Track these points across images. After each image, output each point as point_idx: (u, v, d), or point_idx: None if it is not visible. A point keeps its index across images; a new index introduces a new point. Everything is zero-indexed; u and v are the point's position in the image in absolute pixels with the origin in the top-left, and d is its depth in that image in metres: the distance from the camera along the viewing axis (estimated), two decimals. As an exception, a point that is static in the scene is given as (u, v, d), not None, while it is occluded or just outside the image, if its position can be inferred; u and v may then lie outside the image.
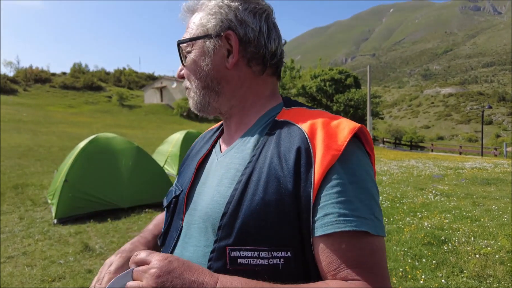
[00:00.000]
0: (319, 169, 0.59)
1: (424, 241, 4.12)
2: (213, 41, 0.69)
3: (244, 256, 0.59)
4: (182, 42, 0.73)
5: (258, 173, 0.62)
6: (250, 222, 0.59)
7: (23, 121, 24.81)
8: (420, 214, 5.42)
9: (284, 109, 0.73)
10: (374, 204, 0.60)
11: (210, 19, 0.69)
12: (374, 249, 0.57)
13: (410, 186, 8.03)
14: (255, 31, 0.69)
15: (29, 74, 52.64)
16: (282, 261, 0.58)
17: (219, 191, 0.66)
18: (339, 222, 0.56)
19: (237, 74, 0.71)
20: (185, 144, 9.46)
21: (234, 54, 0.69)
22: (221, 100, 0.73)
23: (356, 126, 0.63)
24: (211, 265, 0.61)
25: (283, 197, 0.59)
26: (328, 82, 34.01)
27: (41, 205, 6.19)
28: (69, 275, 3.44)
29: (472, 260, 3.55)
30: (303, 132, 0.64)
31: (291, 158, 0.61)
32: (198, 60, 0.71)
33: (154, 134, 23.12)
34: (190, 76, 0.74)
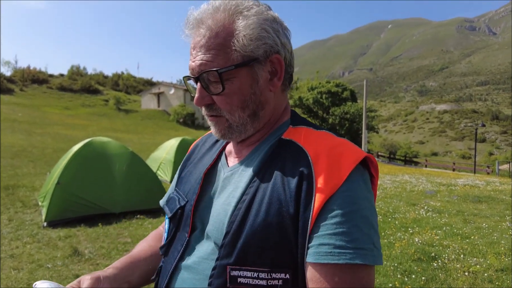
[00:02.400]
0: (319, 197, 0.58)
1: (414, 257, 4.13)
2: (261, 66, 0.67)
3: (244, 276, 0.60)
4: (227, 70, 0.64)
5: (262, 194, 0.63)
6: (251, 243, 0.60)
7: (18, 121, 24.63)
8: (412, 230, 5.44)
9: (291, 127, 0.72)
10: (373, 233, 0.60)
11: (257, 44, 0.65)
12: (364, 283, 0.57)
13: (403, 201, 8.07)
14: (290, 53, 0.70)
15: (26, 74, 52.44)
16: (280, 283, 0.59)
17: (224, 210, 0.67)
18: (334, 254, 0.56)
19: (275, 95, 0.72)
20: (180, 151, 9.44)
21: (279, 77, 0.69)
22: (256, 123, 0.71)
23: (360, 156, 0.62)
24: (212, 281, 0.62)
25: (284, 220, 0.59)
26: (325, 95, 34.26)
27: (32, 207, 6.13)
28: (56, 280, 3.39)
29: (461, 278, 3.57)
30: (307, 156, 0.64)
31: (294, 182, 0.61)
32: (244, 88, 0.66)
33: (150, 140, 23.06)
34: (230, 106, 0.67)
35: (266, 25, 0.66)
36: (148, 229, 5.16)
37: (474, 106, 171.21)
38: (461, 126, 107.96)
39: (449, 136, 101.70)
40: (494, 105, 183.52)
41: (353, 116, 32.34)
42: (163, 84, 50.77)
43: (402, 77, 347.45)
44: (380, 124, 72.01)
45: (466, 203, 7.99)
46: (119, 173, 5.83)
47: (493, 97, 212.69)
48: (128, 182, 5.86)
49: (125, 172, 5.89)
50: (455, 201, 8.27)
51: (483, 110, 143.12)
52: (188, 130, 36.20)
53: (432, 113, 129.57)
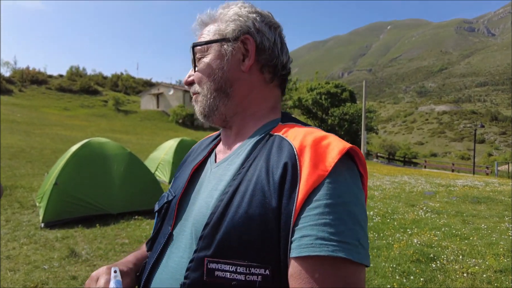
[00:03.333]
0: (303, 188, 0.57)
1: (413, 258, 4.12)
2: (231, 44, 0.72)
3: (222, 269, 0.57)
4: (198, 45, 0.74)
5: (245, 186, 0.61)
6: (231, 235, 0.58)
7: (16, 121, 24.60)
8: (410, 231, 5.43)
9: (280, 124, 0.73)
10: (359, 229, 0.56)
11: (229, 25, 0.72)
12: (349, 282, 0.53)
13: (402, 202, 8.06)
14: (270, 41, 0.74)
15: (25, 75, 52.42)
16: (259, 279, 0.56)
17: (206, 202, 0.66)
18: (315, 245, 0.53)
19: (250, 78, 0.74)
20: (179, 152, 9.43)
21: (250, 57, 0.72)
22: (229, 104, 0.74)
23: (346, 146, 0.61)
24: (188, 275, 0.60)
25: (266, 212, 0.57)
26: (324, 96, 34.28)
27: (29, 208, 6.10)
28: (53, 281, 3.37)
29: (460, 279, 3.56)
30: (292, 148, 0.62)
31: (278, 173, 0.59)
32: (213, 63, 0.73)
33: (149, 141, 23.03)
34: (202, 80, 0.74)
35: (241, 12, 0.74)
36: (146, 230, 5.14)
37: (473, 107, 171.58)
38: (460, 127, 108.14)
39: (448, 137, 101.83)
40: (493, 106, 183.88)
41: (352, 117, 32.36)
42: (162, 85, 50.78)
43: (401, 78, 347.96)
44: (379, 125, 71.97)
45: (465, 204, 7.99)
46: (117, 174, 5.81)
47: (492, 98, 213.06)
48: (126, 183, 5.84)
49: (123, 173, 5.87)
50: (454, 202, 8.26)
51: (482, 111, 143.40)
52: (187, 131, 36.17)
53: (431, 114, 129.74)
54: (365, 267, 0.56)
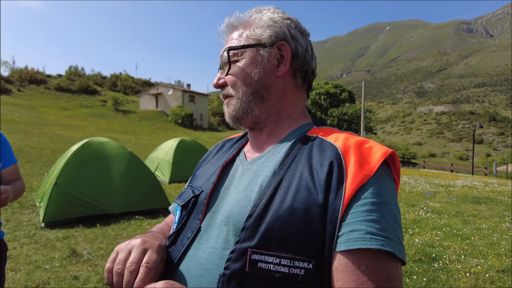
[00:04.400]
0: (350, 185, 0.59)
1: (415, 258, 4.12)
2: (267, 49, 0.74)
3: (265, 261, 0.57)
4: (234, 49, 0.75)
5: (288, 182, 0.63)
6: (275, 227, 0.59)
7: (15, 121, 24.51)
8: (412, 231, 5.43)
9: (315, 127, 0.77)
10: (398, 228, 0.60)
11: (265, 30, 0.74)
12: (393, 276, 0.56)
13: (402, 202, 8.06)
14: (303, 48, 0.77)
15: (24, 74, 52.26)
16: (302, 272, 0.57)
17: (246, 195, 0.67)
18: (366, 239, 0.55)
19: (283, 83, 0.76)
20: (178, 152, 9.41)
21: (286, 63, 0.75)
22: (264, 107, 0.76)
23: (389, 151, 0.65)
24: (229, 265, 0.60)
25: (311, 207, 0.59)
26: (323, 96, 34.34)
27: (29, 208, 6.08)
28: (54, 281, 3.35)
29: (463, 279, 3.55)
30: (336, 148, 0.65)
31: (324, 171, 0.62)
32: (249, 67, 0.74)
33: (148, 141, 23.00)
34: (236, 83, 0.75)
35: (276, 18, 0.76)
36: (147, 230, 5.11)
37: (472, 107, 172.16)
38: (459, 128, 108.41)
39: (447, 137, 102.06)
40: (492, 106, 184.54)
41: (351, 117, 32.43)
42: (161, 85, 50.78)
43: (400, 79, 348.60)
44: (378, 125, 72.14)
45: (465, 204, 8.00)
46: (118, 173, 5.79)
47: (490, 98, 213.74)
48: (126, 182, 5.82)
49: (123, 172, 5.85)
50: (454, 202, 8.27)
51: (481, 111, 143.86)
52: (186, 131, 36.15)
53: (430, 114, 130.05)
54: (402, 265, 0.59)
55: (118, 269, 0.61)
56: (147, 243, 0.65)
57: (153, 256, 0.62)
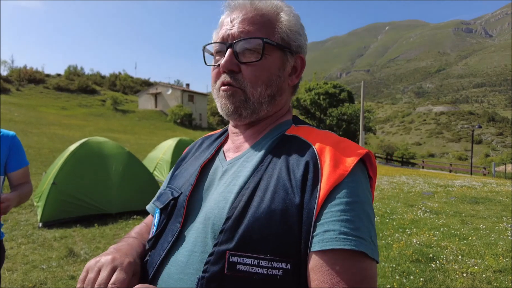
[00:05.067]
0: (325, 185, 0.60)
1: (413, 258, 4.12)
2: (292, 57, 0.75)
3: (244, 263, 0.57)
4: (270, 43, 0.70)
5: (266, 182, 0.63)
6: (254, 229, 0.58)
7: (14, 121, 24.47)
8: (409, 231, 5.43)
9: (294, 126, 0.76)
10: (371, 227, 0.60)
11: (295, 37, 0.75)
12: (367, 275, 0.56)
13: (400, 202, 8.07)
14: (304, 60, 0.79)
15: (23, 74, 52.18)
16: (281, 273, 0.57)
17: (224, 197, 0.66)
18: (339, 239, 0.55)
19: (289, 90, 0.79)
20: (177, 152, 9.40)
21: (298, 74, 0.78)
22: (270, 109, 0.76)
23: (364, 151, 0.66)
24: (208, 268, 0.59)
25: (288, 208, 0.59)
26: (323, 96, 34.33)
27: (27, 208, 6.07)
28: (51, 281, 3.35)
29: (460, 279, 3.56)
30: (313, 148, 0.66)
31: (299, 171, 0.63)
32: (275, 68, 0.72)
33: (147, 140, 22.99)
34: (257, 80, 0.70)
35: (301, 28, 0.77)
36: (145, 230, 5.12)
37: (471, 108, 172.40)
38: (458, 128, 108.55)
39: (446, 137, 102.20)
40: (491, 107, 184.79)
41: (350, 117, 32.43)
42: (160, 85, 50.76)
43: (399, 79, 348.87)
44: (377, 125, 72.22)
45: (464, 204, 8.00)
46: (116, 173, 5.78)
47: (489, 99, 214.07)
48: (124, 182, 5.81)
49: (121, 172, 5.84)
50: (453, 202, 8.28)
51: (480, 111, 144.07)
52: (185, 131, 36.14)
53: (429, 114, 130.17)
54: (376, 263, 0.59)
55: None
56: (116, 261, 0.64)
57: (120, 276, 0.61)
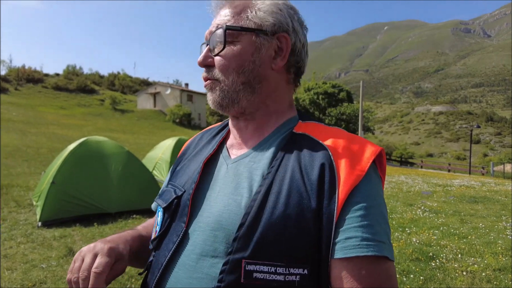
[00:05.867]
0: (343, 188, 0.58)
1: (412, 256, 4.13)
2: (267, 38, 0.68)
3: (260, 271, 0.56)
4: (232, 29, 0.67)
5: (279, 185, 0.61)
6: (269, 235, 0.57)
7: (12, 120, 24.40)
8: (409, 230, 5.44)
9: (300, 122, 0.73)
10: (388, 229, 0.60)
11: (268, 17, 0.68)
12: (391, 274, 0.57)
13: (400, 201, 8.08)
14: (301, 43, 0.71)
15: (21, 73, 52.00)
16: (298, 278, 0.56)
17: (235, 200, 0.63)
18: (362, 246, 0.55)
19: (277, 77, 0.71)
20: (176, 151, 9.38)
21: (284, 56, 0.69)
22: (253, 100, 0.70)
23: (378, 149, 0.64)
24: (223, 278, 0.58)
25: (304, 212, 0.58)
26: (321, 96, 34.37)
27: (26, 207, 6.05)
28: (51, 280, 3.34)
29: (460, 278, 3.56)
30: (325, 149, 0.63)
31: (314, 174, 0.60)
32: (245, 54, 0.67)
33: (146, 140, 22.95)
34: (227, 68, 0.68)
35: (281, 5, 0.70)
36: (144, 229, 5.11)
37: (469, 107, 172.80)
38: (456, 128, 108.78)
39: (444, 137, 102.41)
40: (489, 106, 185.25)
41: (349, 117, 32.47)
42: (159, 84, 50.66)
43: (398, 79, 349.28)
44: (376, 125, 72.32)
45: (463, 204, 8.02)
46: (115, 172, 5.77)
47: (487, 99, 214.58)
48: (124, 182, 5.80)
49: (121, 171, 5.83)
50: (452, 201, 8.29)
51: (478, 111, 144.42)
52: (184, 130, 36.10)
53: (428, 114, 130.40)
54: (393, 262, 0.60)
55: (74, 278, 0.62)
56: (97, 247, 0.65)
57: (102, 260, 0.61)
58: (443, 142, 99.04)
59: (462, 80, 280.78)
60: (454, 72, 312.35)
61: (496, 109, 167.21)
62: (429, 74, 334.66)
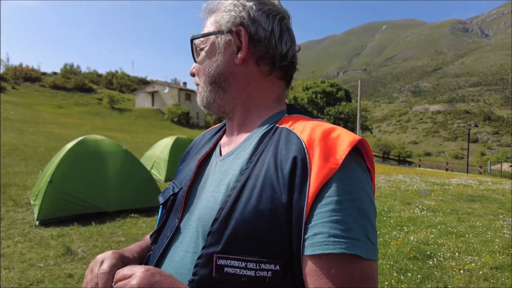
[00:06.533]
0: (314, 182, 0.56)
1: (410, 255, 4.14)
2: (224, 36, 0.70)
3: (231, 266, 0.56)
4: (195, 38, 0.75)
5: (254, 181, 0.60)
6: (240, 230, 0.57)
7: (10, 119, 24.31)
8: (407, 229, 5.46)
9: (286, 115, 0.71)
10: (368, 225, 0.56)
11: (224, 16, 0.71)
12: (365, 276, 0.54)
13: (398, 200, 8.10)
14: (266, 31, 0.70)
15: (18, 72, 51.77)
16: (270, 274, 0.55)
17: (214, 197, 0.65)
18: (328, 243, 0.53)
19: (245, 71, 0.71)
20: (174, 150, 9.38)
21: (243, 50, 0.69)
22: (226, 97, 0.73)
23: (356, 138, 0.60)
24: (197, 271, 0.59)
25: (276, 208, 0.56)
26: (320, 95, 34.40)
27: (23, 206, 6.03)
28: (48, 279, 3.33)
29: (457, 276, 3.58)
30: (301, 141, 0.61)
31: (287, 168, 0.58)
32: (208, 56, 0.72)
33: (144, 139, 22.92)
34: (199, 72, 0.75)
35: (238, 1, 0.71)
36: (142, 228, 5.10)
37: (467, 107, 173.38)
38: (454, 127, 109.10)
39: (442, 136, 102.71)
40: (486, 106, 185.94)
41: (347, 116, 32.51)
42: (157, 83, 50.53)
43: (396, 78, 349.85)
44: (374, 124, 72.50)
45: (460, 202, 8.05)
46: (113, 171, 5.76)
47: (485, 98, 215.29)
48: (122, 180, 5.79)
49: (119, 170, 5.82)
50: (449, 200, 8.32)
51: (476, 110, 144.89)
52: (183, 129, 36.06)
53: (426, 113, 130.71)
54: (375, 262, 0.57)
55: None
56: (104, 255, 0.67)
57: (105, 264, 0.63)
58: (441, 141, 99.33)
59: (460, 79, 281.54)
60: (452, 71, 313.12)
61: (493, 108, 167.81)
62: (427, 73, 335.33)
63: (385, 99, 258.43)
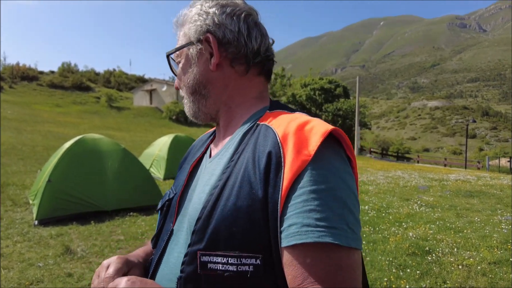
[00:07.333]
0: (287, 175, 0.56)
1: (409, 251, 4.16)
2: (195, 47, 0.73)
3: (214, 262, 0.58)
4: (170, 53, 0.78)
5: (234, 178, 0.61)
6: (221, 227, 0.58)
7: (7, 118, 24.20)
8: (405, 224, 5.48)
9: (268, 112, 0.72)
10: (347, 213, 0.55)
11: (191, 27, 0.73)
12: (342, 265, 0.53)
13: (396, 196, 8.12)
14: (234, 32, 0.71)
15: (15, 71, 51.47)
16: (251, 269, 0.57)
17: (199, 198, 0.67)
18: (301, 233, 0.53)
19: (221, 75, 0.73)
20: (173, 148, 9.37)
21: (215, 55, 0.71)
22: (208, 104, 0.75)
23: (328, 129, 0.60)
24: (184, 268, 0.61)
25: (254, 203, 0.57)
26: (318, 91, 34.35)
27: (22, 206, 6.02)
28: (48, 279, 3.33)
29: (455, 271, 3.60)
30: (276, 136, 0.62)
31: (263, 163, 0.59)
32: (185, 67, 0.75)
33: (142, 137, 22.87)
34: (180, 85, 0.78)
35: (202, 10, 0.73)
36: (141, 227, 5.10)
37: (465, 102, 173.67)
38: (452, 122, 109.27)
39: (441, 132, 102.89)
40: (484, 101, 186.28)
41: (346, 112, 32.50)
42: (155, 81, 50.36)
43: (394, 74, 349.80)
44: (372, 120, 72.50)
45: (458, 198, 8.08)
46: (112, 170, 5.75)
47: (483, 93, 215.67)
48: (120, 179, 5.78)
49: (117, 169, 5.81)
50: (448, 196, 8.35)
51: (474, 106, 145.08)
52: (181, 127, 35.99)
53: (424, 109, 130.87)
54: (359, 250, 0.56)
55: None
56: (109, 260, 0.70)
57: (111, 268, 0.66)
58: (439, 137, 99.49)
59: (458, 75, 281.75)
60: (450, 67, 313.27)
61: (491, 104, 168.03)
62: (425, 69, 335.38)
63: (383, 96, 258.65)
